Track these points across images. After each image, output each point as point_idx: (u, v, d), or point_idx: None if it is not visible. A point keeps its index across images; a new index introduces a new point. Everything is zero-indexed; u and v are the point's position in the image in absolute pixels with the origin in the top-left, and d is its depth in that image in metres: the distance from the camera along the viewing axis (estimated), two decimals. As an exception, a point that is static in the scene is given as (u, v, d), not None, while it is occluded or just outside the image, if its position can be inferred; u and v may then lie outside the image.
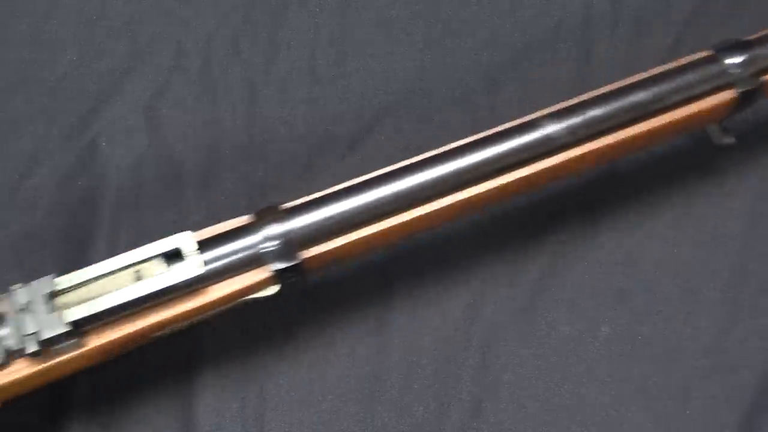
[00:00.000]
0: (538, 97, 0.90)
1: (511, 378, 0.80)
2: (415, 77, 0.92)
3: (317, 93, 0.91)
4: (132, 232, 0.85)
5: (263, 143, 0.89)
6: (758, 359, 0.80)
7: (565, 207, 0.86)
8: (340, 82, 0.92)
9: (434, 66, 0.92)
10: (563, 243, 0.85)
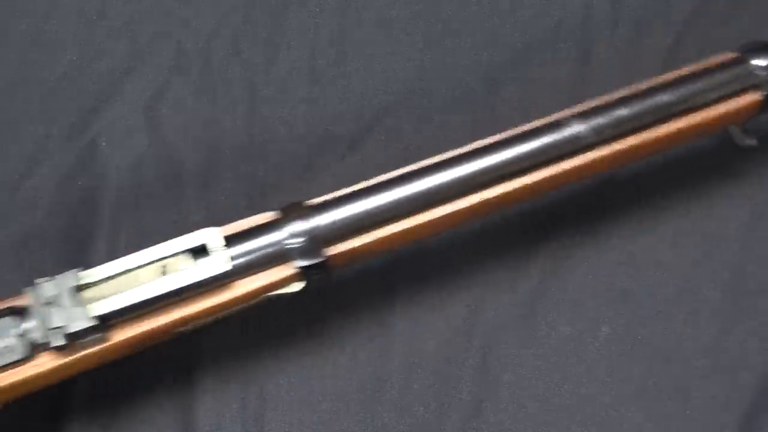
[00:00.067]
0: (538, 97, 0.91)
1: (512, 378, 0.80)
2: (415, 77, 0.92)
3: (317, 93, 0.91)
4: (132, 232, 0.85)
5: (263, 143, 0.89)
6: (758, 360, 0.81)
7: (566, 209, 0.86)
8: (340, 82, 0.92)
9: (434, 66, 0.92)
10: (563, 245, 0.85)
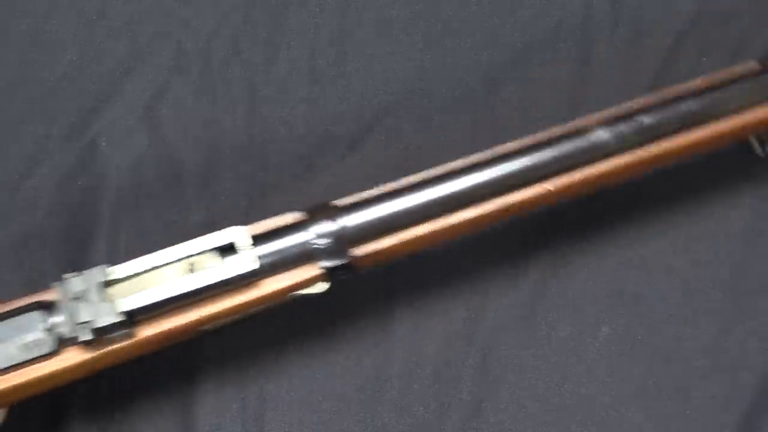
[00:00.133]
0: (538, 97, 0.91)
1: (512, 378, 0.80)
2: (415, 77, 0.92)
3: (317, 93, 0.91)
4: (132, 232, 0.85)
5: (263, 143, 0.89)
6: (758, 360, 0.81)
7: (566, 211, 0.86)
8: (340, 82, 0.91)
9: (434, 66, 0.92)
10: (563, 246, 0.85)
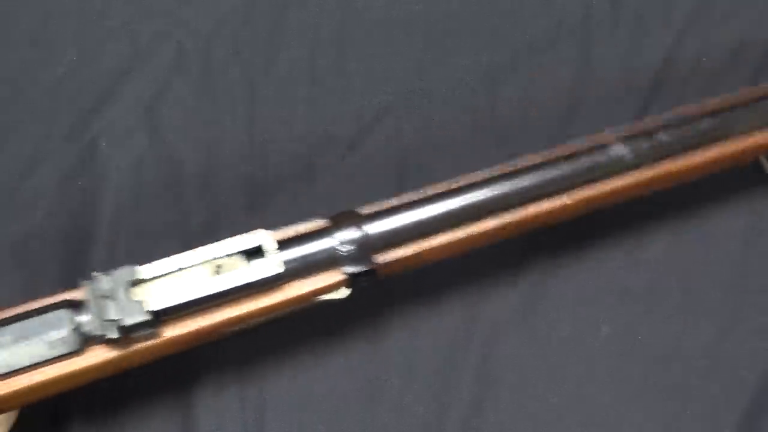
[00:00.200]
0: (538, 97, 0.91)
1: (512, 378, 0.80)
2: (415, 77, 0.92)
3: (317, 93, 0.91)
4: (132, 232, 0.85)
5: (263, 143, 0.89)
6: (758, 359, 0.81)
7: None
8: (340, 82, 0.92)
9: (434, 66, 0.92)
10: (563, 245, 0.85)
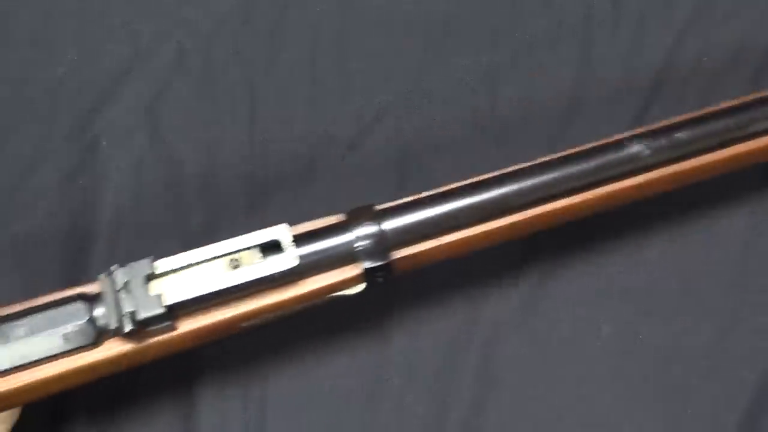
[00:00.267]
0: (539, 97, 0.91)
1: (512, 378, 0.80)
2: (416, 77, 0.92)
3: (317, 93, 0.91)
4: (132, 232, 0.85)
5: (263, 143, 0.89)
6: (759, 358, 0.81)
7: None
8: (341, 82, 0.92)
9: (434, 66, 0.92)
10: (564, 245, 0.85)
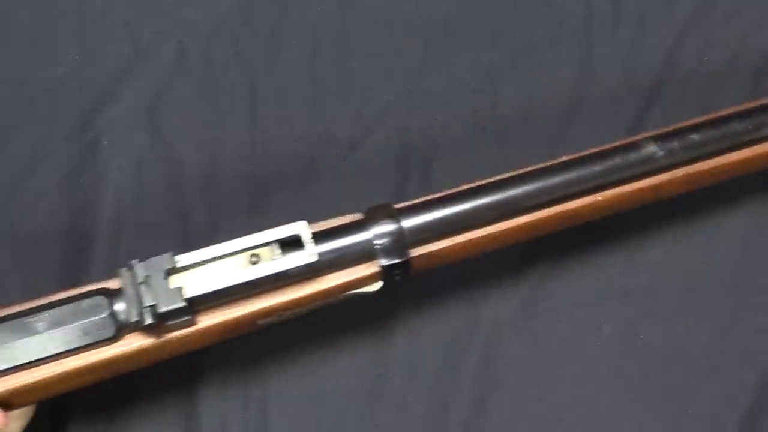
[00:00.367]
0: (539, 97, 0.91)
1: (513, 379, 0.80)
2: (416, 77, 0.92)
3: (318, 93, 0.91)
4: (133, 232, 0.85)
5: (264, 143, 0.89)
6: (759, 358, 0.81)
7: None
8: (341, 82, 0.92)
9: (435, 66, 0.92)
10: (564, 246, 0.85)
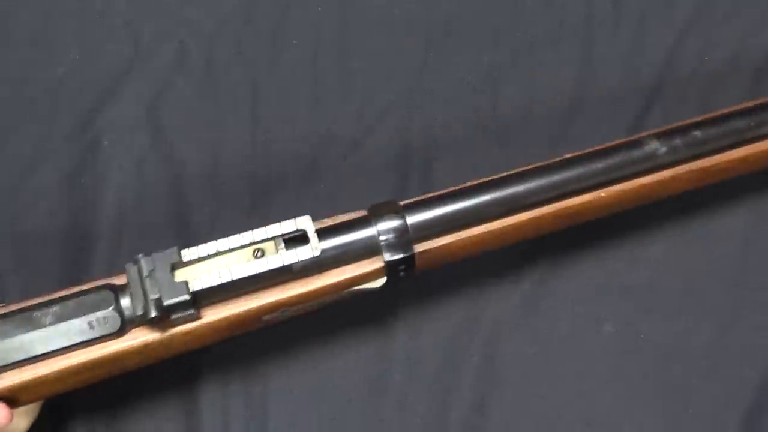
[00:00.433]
0: (540, 97, 0.91)
1: (514, 376, 0.80)
2: (417, 77, 0.92)
3: (319, 93, 0.91)
4: (134, 232, 0.85)
5: (266, 143, 0.89)
6: (760, 356, 0.81)
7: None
8: (343, 82, 0.92)
9: (436, 65, 0.92)
10: (565, 243, 0.85)
